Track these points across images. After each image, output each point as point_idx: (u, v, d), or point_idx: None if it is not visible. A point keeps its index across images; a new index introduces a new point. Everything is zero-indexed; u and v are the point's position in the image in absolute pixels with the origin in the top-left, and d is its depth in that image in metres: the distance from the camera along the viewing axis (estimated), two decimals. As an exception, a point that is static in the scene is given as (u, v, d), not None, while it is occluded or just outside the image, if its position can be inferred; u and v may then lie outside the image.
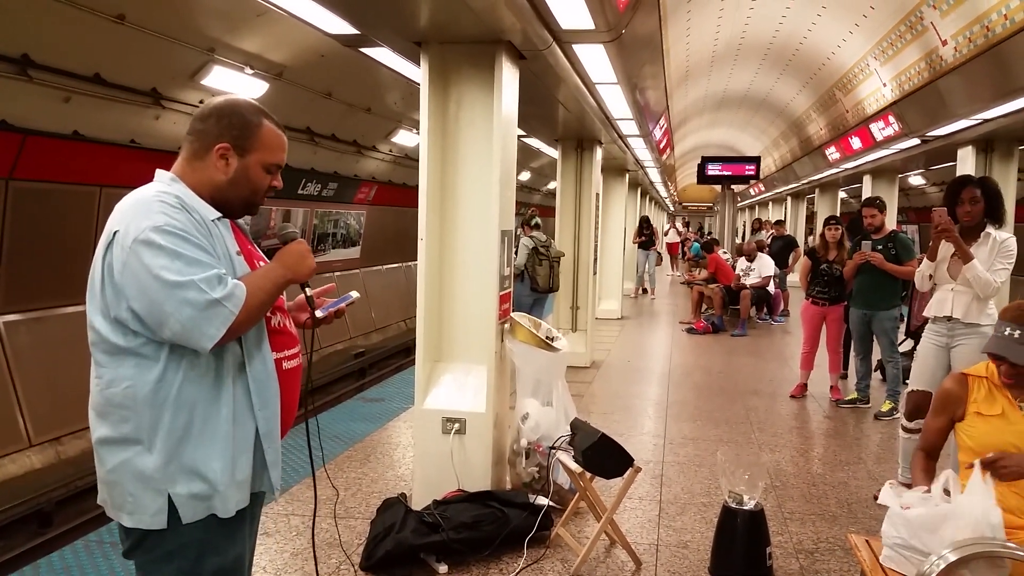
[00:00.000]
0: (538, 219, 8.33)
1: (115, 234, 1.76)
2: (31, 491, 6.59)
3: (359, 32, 4.46)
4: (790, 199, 22.51)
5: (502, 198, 4.09)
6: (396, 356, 14.20)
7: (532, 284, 7.81)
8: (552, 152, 10.11)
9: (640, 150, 10.80)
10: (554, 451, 3.93)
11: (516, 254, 7.68)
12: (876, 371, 7.23)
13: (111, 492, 1.84)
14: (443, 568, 3.47)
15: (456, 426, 4.06)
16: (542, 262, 7.84)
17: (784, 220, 20.05)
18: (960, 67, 7.76)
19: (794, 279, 12.06)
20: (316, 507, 2.29)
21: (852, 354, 6.78)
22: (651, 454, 5.30)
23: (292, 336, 2.04)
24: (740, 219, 30.73)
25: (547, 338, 4.30)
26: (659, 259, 20.14)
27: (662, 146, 12.20)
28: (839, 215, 10.37)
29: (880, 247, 6.07)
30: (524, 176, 19.34)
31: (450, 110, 4.18)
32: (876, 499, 4.45)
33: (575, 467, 3.62)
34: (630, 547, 3.63)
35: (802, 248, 13.86)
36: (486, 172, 4.10)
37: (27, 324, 7.03)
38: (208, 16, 6.48)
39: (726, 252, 15.05)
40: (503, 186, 4.10)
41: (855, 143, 12.58)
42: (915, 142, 10.42)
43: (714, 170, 18.58)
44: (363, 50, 5.60)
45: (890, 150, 11.49)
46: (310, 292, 2.06)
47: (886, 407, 6.29)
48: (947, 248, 4.30)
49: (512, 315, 4.37)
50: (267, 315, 1.93)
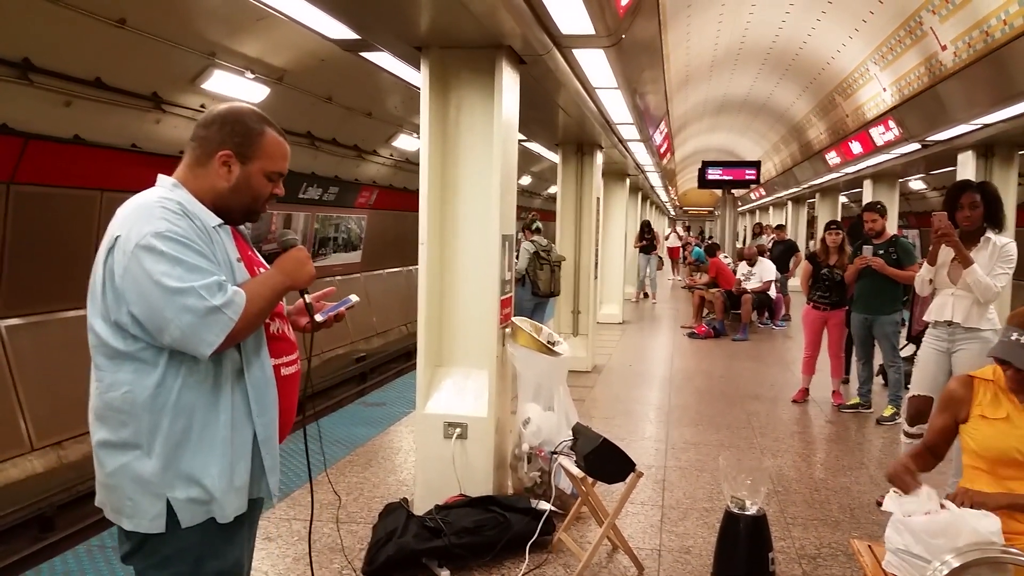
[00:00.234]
0: (539, 223, 8.33)
1: (117, 239, 1.76)
2: (33, 495, 6.59)
3: (360, 37, 4.46)
4: (791, 203, 22.52)
5: (503, 202, 4.10)
6: (397, 360, 14.21)
7: (533, 288, 7.81)
8: (553, 156, 10.11)
9: (640, 154, 10.81)
10: (556, 456, 3.92)
11: (517, 258, 7.68)
12: (878, 376, 7.22)
13: (110, 496, 1.84)
14: (445, 573, 3.47)
15: (458, 431, 4.06)
16: (543, 266, 7.84)
17: (785, 225, 20.10)
18: (960, 72, 7.78)
19: (795, 284, 12.07)
20: (313, 513, 2.29)
21: (854, 359, 6.77)
22: (653, 459, 5.29)
23: (291, 342, 2.04)
24: (741, 223, 30.73)
25: (548, 342, 4.29)
26: (660, 263, 20.16)
27: (662, 150, 12.21)
28: (840, 220, 10.38)
29: (881, 252, 6.07)
30: (525, 180, 19.35)
31: (450, 114, 4.19)
32: (880, 505, 4.46)
33: (577, 472, 3.62)
34: (632, 552, 3.62)
35: (803, 253, 13.86)
36: (487, 176, 4.11)
37: (28, 328, 7.04)
38: (209, 20, 6.49)
39: (727, 256, 15.06)
40: (504, 190, 4.10)
41: (855, 148, 12.60)
42: (915, 147, 10.43)
43: (714, 174, 18.62)
44: (363, 55, 5.61)
45: (890, 155, 11.50)
46: (309, 299, 2.06)
47: (888, 412, 6.28)
48: (947, 253, 4.30)
49: (513, 319, 4.36)
50: (266, 321, 1.93)
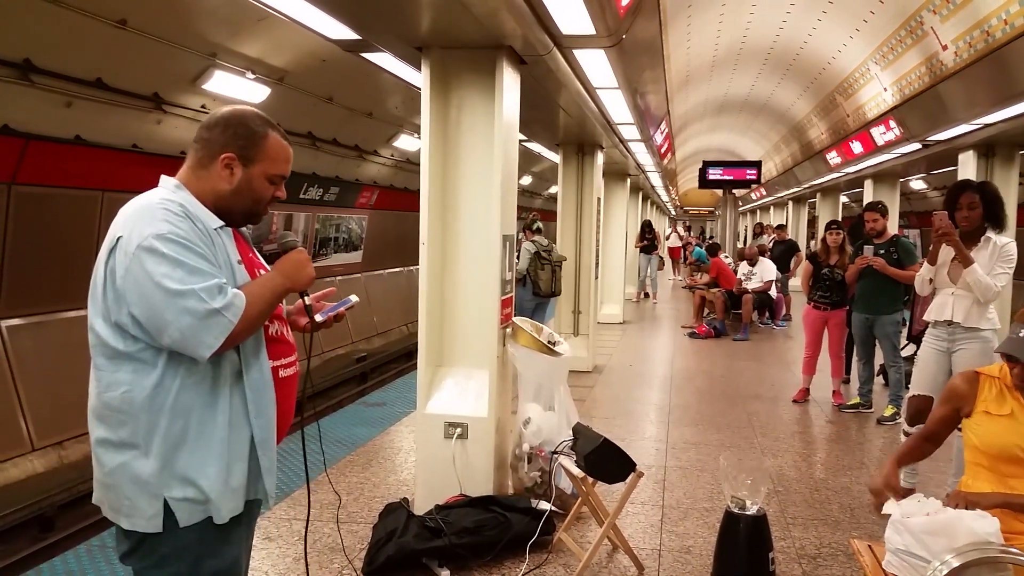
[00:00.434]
0: (540, 223, 8.33)
1: (118, 239, 1.77)
2: (33, 495, 6.59)
3: (360, 37, 4.47)
4: (791, 203, 22.51)
5: (503, 202, 4.10)
6: (398, 360, 14.21)
7: (534, 288, 7.81)
8: (553, 156, 10.12)
9: (641, 154, 10.81)
10: (556, 456, 3.92)
11: (518, 258, 7.68)
12: (878, 376, 7.22)
13: (108, 494, 1.85)
14: (445, 573, 3.47)
15: (458, 431, 4.06)
16: (544, 266, 7.85)
17: (786, 224, 20.08)
18: (961, 72, 7.77)
19: (796, 284, 12.07)
20: (310, 514, 2.28)
21: (854, 358, 6.77)
22: (653, 459, 5.30)
23: (289, 344, 2.05)
24: (742, 223, 30.72)
25: (549, 343, 4.30)
26: (661, 263, 20.16)
27: (663, 151, 12.21)
28: (841, 219, 10.38)
29: (882, 251, 6.07)
30: (525, 180, 19.35)
31: (451, 115, 4.19)
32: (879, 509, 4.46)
33: (577, 472, 3.62)
34: (632, 552, 3.62)
35: (804, 252, 13.86)
36: (487, 176, 4.11)
37: (29, 328, 7.04)
38: (210, 21, 6.50)
39: (728, 256, 15.06)
40: (504, 190, 4.11)
41: (856, 147, 12.59)
42: (916, 147, 10.42)
43: (715, 174, 18.62)
44: (364, 55, 5.61)
45: (891, 155, 11.49)
46: (308, 301, 2.06)
47: (888, 412, 6.28)
48: (948, 252, 4.31)
49: (514, 319, 4.37)
50: (265, 324, 1.93)
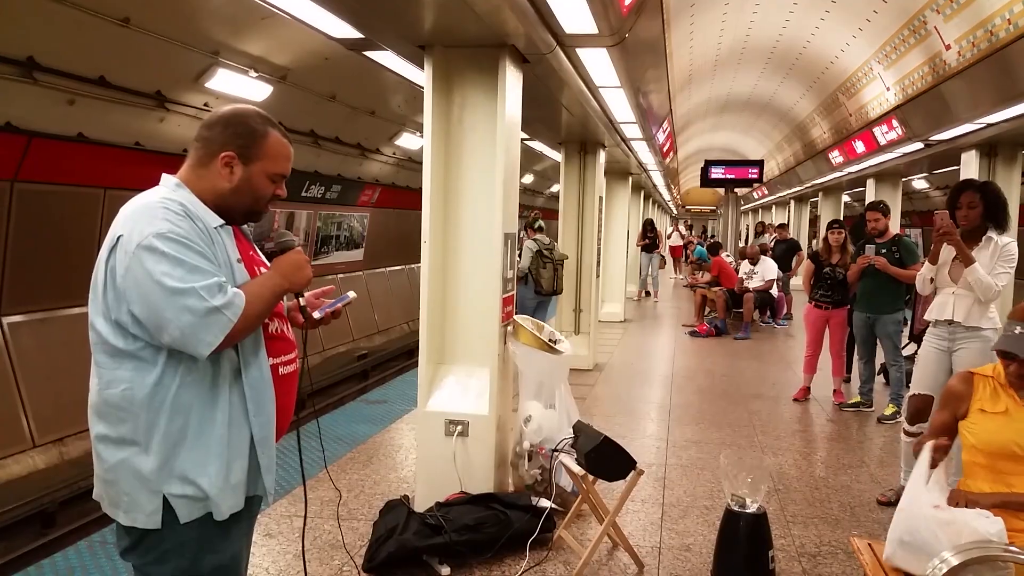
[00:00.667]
0: (542, 222, 8.33)
1: (119, 238, 1.77)
2: (34, 492, 6.60)
3: (363, 36, 4.47)
4: (793, 203, 22.49)
5: (505, 201, 4.10)
6: (399, 358, 14.22)
7: (536, 287, 7.82)
8: (555, 155, 10.13)
9: (643, 153, 10.80)
10: (557, 454, 3.93)
11: (520, 257, 7.69)
12: (879, 375, 7.22)
13: (108, 490, 1.86)
14: (445, 570, 3.48)
15: (459, 428, 4.07)
16: (546, 265, 7.85)
17: (787, 224, 20.05)
18: (964, 72, 7.76)
19: (797, 283, 12.07)
20: (306, 513, 2.27)
21: (855, 358, 6.77)
22: (654, 457, 5.30)
23: (290, 342, 2.05)
24: (743, 222, 30.70)
25: (550, 341, 4.30)
26: (662, 262, 20.15)
27: (665, 149, 12.20)
28: (842, 219, 10.37)
29: (884, 251, 6.07)
30: (527, 179, 19.35)
31: (454, 113, 4.19)
32: (880, 503, 4.46)
33: (578, 470, 3.63)
34: (632, 550, 3.63)
35: (805, 252, 13.85)
36: (489, 175, 4.11)
37: (31, 325, 7.05)
38: (213, 19, 6.50)
39: (729, 255, 15.04)
40: (506, 189, 4.11)
41: (858, 147, 12.58)
42: (918, 146, 10.41)
43: (717, 173, 18.58)
44: (367, 53, 5.62)
45: (893, 154, 11.48)
46: (303, 302, 2.05)
47: (889, 411, 6.28)
48: (949, 252, 4.31)
49: (515, 317, 4.37)
50: (265, 321, 1.94)
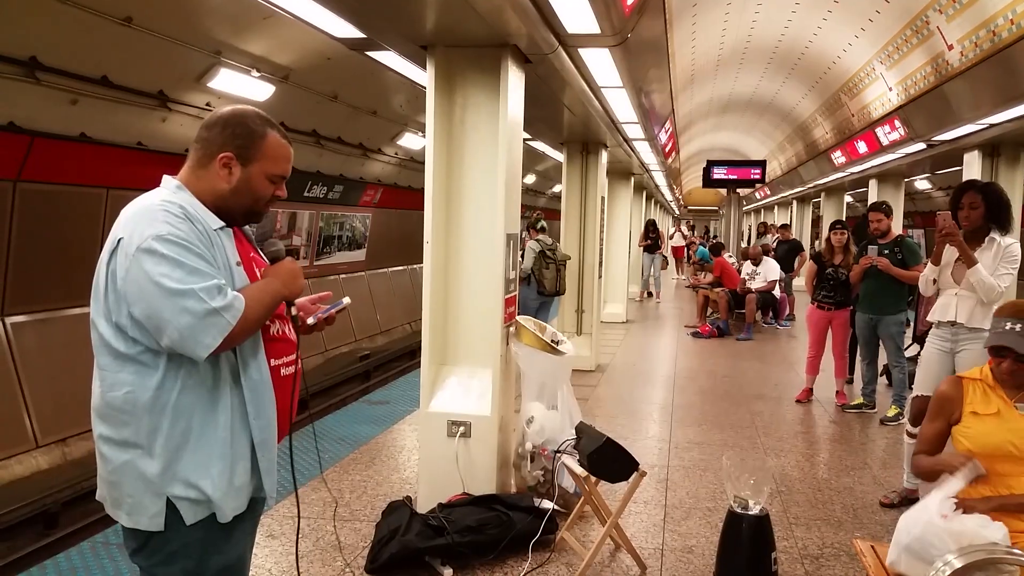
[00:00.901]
0: (544, 222, 8.33)
1: (119, 241, 1.78)
2: (37, 492, 6.61)
3: (365, 36, 4.47)
4: (796, 203, 22.47)
5: (508, 201, 4.10)
6: (401, 359, 14.22)
7: (539, 287, 7.81)
8: (557, 155, 10.11)
9: (645, 154, 10.80)
10: (559, 455, 3.92)
11: (523, 258, 7.68)
12: (882, 376, 7.21)
13: (111, 491, 1.86)
14: (448, 571, 3.47)
15: (461, 429, 4.06)
16: (549, 265, 7.85)
17: (790, 224, 20.05)
18: (966, 72, 7.75)
19: (800, 283, 12.04)
20: (299, 525, 2.27)
21: (858, 359, 6.76)
22: (656, 458, 5.29)
23: (291, 342, 2.06)
24: (746, 223, 30.69)
25: (552, 341, 4.30)
26: (664, 263, 20.14)
27: (667, 150, 12.19)
28: (845, 219, 10.36)
29: (886, 251, 6.06)
30: (529, 179, 19.36)
31: (456, 113, 4.19)
32: (883, 505, 4.45)
33: (580, 471, 3.62)
34: (635, 551, 3.62)
35: (808, 252, 13.84)
36: (492, 175, 4.10)
37: (34, 325, 7.06)
38: (215, 19, 6.51)
39: (731, 256, 15.03)
40: (509, 189, 4.11)
41: (861, 147, 12.57)
42: (921, 147, 10.40)
43: (720, 174, 18.59)
44: (369, 53, 5.62)
45: (896, 154, 11.47)
46: (295, 311, 2.04)
47: (892, 412, 6.27)
48: (951, 253, 4.31)
49: (517, 318, 4.37)
50: (266, 323, 1.94)
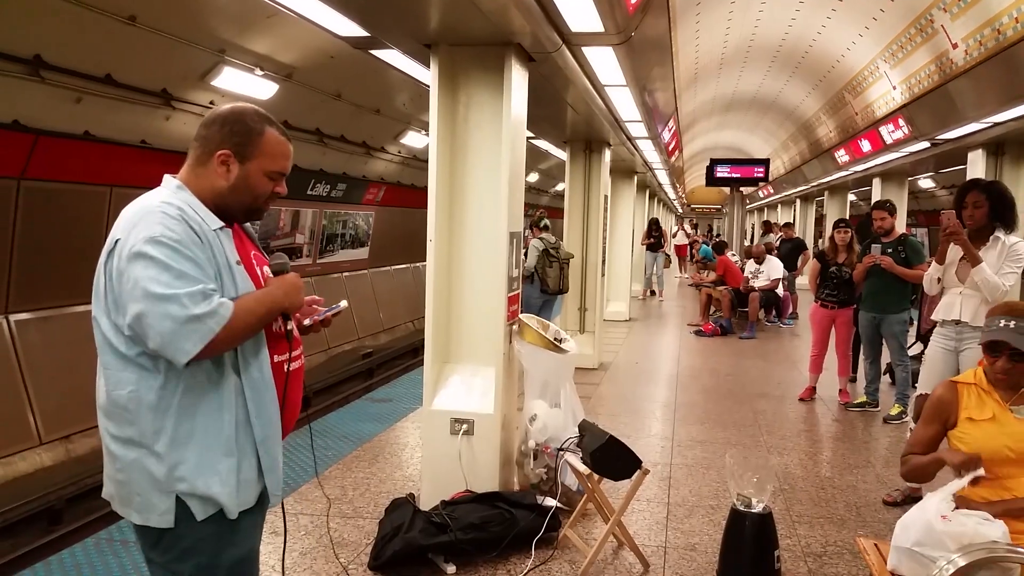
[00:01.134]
0: (547, 221, 8.33)
1: (116, 242, 1.79)
2: (41, 489, 6.63)
3: (369, 34, 4.48)
4: (799, 202, 22.44)
5: (511, 200, 4.10)
6: (404, 357, 14.23)
7: (542, 286, 7.81)
8: (560, 154, 10.12)
9: (649, 152, 10.79)
10: (562, 452, 3.93)
11: (526, 256, 7.68)
12: (885, 374, 7.20)
13: (119, 490, 1.87)
14: (451, 568, 3.48)
15: (464, 427, 4.07)
16: (552, 264, 7.85)
17: (793, 223, 20.01)
18: (970, 70, 7.74)
19: (803, 282, 12.03)
20: (286, 533, 2.25)
21: (861, 357, 6.75)
22: (659, 456, 5.30)
23: (295, 338, 2.07)
24: (749, 221, 30.65)
25: (555, 340, 4.30)
26: (667, 261, 20.12)
27: (671, 148, 12.19)
28: (848, 218, 10.33)
29: (890, 250, 6.05)
30: (532, 178, 19.35)
31: (459, 112, 4.19)
32: (886, 503, 4.45)
33: (583, 469, 3.63)
34: (638, 549, 3.63)
35: (811, 251, 13.81)
36: (495, 174, 4.11)
37: (38, 323, 7.08)
38: (219, 17, 6.52)
39: (735, 254, 15.02)
40: (512, 188, 4.11)
41: (864, 146, 12.55)
42: (925, 145, 10.39)
43: (723, 172, 18.55)
44: (373, 52, 5.63)
45: (900, 153, 11.45)
46: (291, 325, 2.02)
47: (895, 411, 6.26)
48: (956, 251, 4.30)
49: (520, 316, 4.37)
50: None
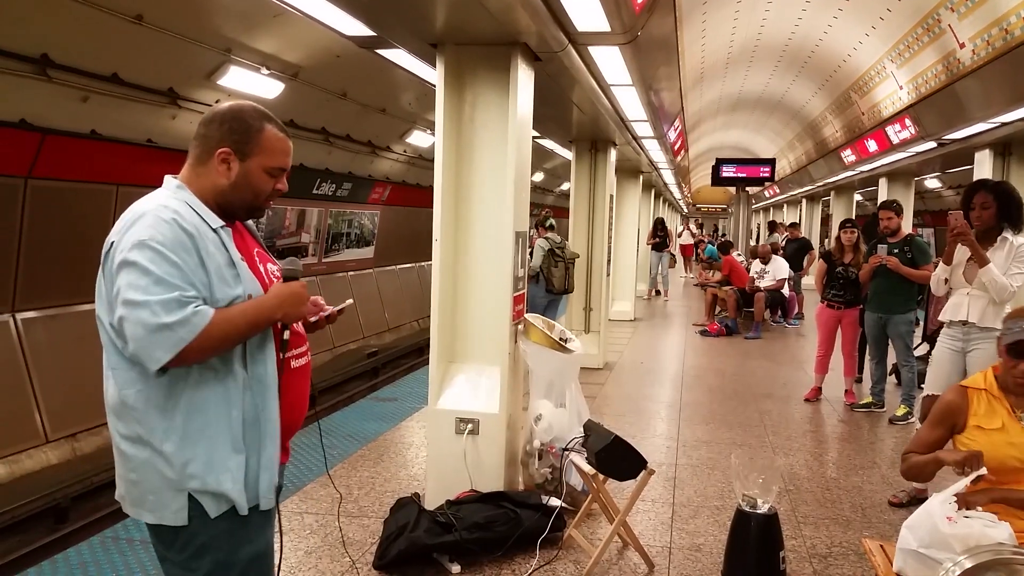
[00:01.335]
0: (552, 220, 8.33)
1: (112, 245, 1.80)
2: (47, 487, 6.66)
3: (375, 34, 4.48)
4: (805, 201, 22.40)
5: (517, 199, 4.10)
6: (409, 356, 14.24)
7: (548, 285, 7.81)
8: (566, 153, 10.10)
9: (654, 152, 10.78)
10: (567, 452, 3.92)
11: (531, 255, 7.68)
12: (891, 375, 7.19)
13: (131, 490, 1.87)
14: (456, 568, 3.48)
15: (469, 426, 4.07)
16: (558, 263, 7.84)
17: (799, 223, 19.99)
18: (978, 70, 7.70)
19: (809, 282, 12.01)
20: (282, 540, 2.20)
21: (867, 358, 6.74)
22: (664, 456, 5.29)
23: (300, 335, 2.07)
24: (755, 221, 30.59)
25: (560, 339, 4.30)
26: (672, 261, 20.10)
27: (676, 148, 12.17)
28: (855, 218, 10.31)
29: (896, 250, 6.03)
30: (538, 177, 19.34)
31: (465, 111, 4.19)
32: (892, 504, 4.44)
33: (588, 469, 3.62)
34: (643, 549, 3.62)
35: (817, 251, 13.78)
36: (501, 173, 4.11)
37: (44, 321, 7.10)
38: (225, 17, 6.53)
39: (740, 254, 14.99)
40: (518, 187, 4.11)
41: (871, 146, 12.51)
42: (931, 145, 10.35)
43: (729, 172, 18.51)
44: (379, 51, 5.63)
45: (906, 153, 11.41)
46: (287, 336, 1.98)
47: (901, 411, 6.24)
48: (963, 252, 4.29)
49: (525, 316, 4.37)
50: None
